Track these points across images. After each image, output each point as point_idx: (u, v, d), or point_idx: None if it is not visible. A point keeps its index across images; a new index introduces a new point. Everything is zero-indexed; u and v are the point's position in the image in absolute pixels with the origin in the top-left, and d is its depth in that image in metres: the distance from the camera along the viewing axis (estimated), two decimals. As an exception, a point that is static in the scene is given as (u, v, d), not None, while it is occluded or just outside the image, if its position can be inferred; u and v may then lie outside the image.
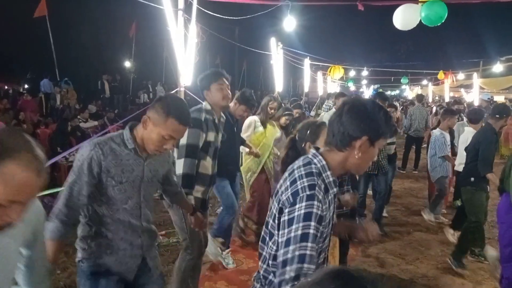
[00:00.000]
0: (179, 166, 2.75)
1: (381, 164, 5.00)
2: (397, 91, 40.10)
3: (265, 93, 22.82)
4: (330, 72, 16.25)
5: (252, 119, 4.52)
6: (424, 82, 25.56)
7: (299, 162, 1.45)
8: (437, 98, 24.79)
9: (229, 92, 2.92)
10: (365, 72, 21.62)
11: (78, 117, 9.51)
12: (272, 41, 9.04)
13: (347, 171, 1.49)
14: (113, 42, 23.04)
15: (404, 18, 4.71)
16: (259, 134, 4.46)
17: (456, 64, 22.09)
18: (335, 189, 1.44)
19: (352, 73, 22.64)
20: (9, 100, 12.71)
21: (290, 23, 5.54)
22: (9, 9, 18.41)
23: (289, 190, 1.34)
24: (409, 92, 32.89)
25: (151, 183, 1.99)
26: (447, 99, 17.58)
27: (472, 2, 4.80)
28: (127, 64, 21.62)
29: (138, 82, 19.88)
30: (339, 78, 17.81)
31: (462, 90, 21.89)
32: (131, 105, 16.07)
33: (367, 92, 36.38)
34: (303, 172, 1.37)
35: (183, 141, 2.73)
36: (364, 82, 32.65)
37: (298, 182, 1.34)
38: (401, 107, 16.03)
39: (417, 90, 27.63)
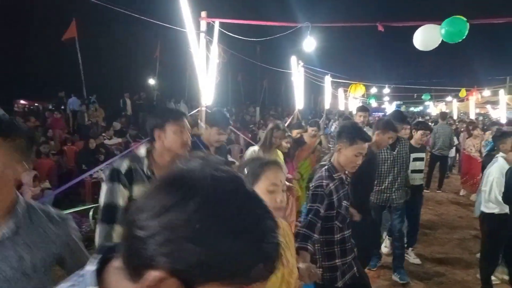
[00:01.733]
0: (96, 236, 1.99)
1: (391, 197, 3.98)
2: (421, 108, 39.43)
3: (286, 110, 22.99)
4: (351, 89, 16.22)
5: (252, 151, 4.01)
6: (449, 98, 25.06)
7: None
8: (462, 114, 24.21)
9: (190, 137, 2.17)
10: (386, 90, 21.41)
11: (103, 134, 9.79)
12: (293, 59, 9.13)
13: None
14: (138, 62, 23.80)
15: (424, 39, 4.63)
16: None
17: (481, 80, 21.62)
18: None
19: (373, 90, 22.46)
20: (39, 117, 13.21)
21: (310, 44, 5.59)
22: (40, 31, 19.37)
23: None
24: (433, 108, 32.29)
25: (29, 277, 1.23)
26: (472, 116, 17.18)
27: (495, 22, 4.71)
28: (151, 82, 22.21)
29: (162, 100, 20.38)
30: (361, 95, 17.71)
31: (489, 106, 21.31)
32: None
33: (390, 108, 35.97)
34: None
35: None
36: (386, 98, 32.31)
37: None
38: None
39: (441, 106, 27.11)
